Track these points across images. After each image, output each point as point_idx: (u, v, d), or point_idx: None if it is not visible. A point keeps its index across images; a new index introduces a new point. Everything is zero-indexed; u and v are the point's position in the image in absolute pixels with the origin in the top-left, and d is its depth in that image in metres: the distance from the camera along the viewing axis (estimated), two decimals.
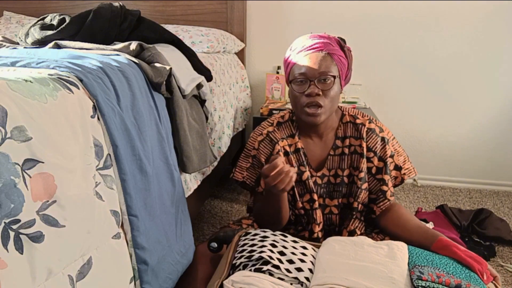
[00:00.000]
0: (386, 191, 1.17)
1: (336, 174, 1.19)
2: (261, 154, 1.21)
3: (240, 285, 0.80)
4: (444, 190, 2.33)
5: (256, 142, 1.22)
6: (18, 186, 0.56)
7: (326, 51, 1.10)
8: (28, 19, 2.29)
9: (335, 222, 1.22)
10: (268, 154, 1.20)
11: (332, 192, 1.20)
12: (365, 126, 1.18)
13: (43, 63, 0.79)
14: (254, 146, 1.23)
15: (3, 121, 0.55)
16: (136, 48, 1.04)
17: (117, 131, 0.79)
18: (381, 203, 1.18)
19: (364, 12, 2.22)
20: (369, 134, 1.18)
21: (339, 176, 1.19)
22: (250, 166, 1.24)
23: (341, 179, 1.19)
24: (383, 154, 1.18)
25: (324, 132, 1.20)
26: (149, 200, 0.89)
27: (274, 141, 1.20)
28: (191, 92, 1.26)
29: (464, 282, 0.82)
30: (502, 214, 1.99)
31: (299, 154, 1.19)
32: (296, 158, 1.19)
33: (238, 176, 1.25)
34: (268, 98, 2.31)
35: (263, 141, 1.21)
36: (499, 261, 1.56)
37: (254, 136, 1.24)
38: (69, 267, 0.67)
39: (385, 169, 1.18)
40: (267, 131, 1.22)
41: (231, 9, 2.25)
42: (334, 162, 1.20)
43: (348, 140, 1.19)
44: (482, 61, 2.19)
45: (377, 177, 1.19)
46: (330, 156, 1.20)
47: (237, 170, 1.26)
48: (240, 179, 1.24)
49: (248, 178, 1.24)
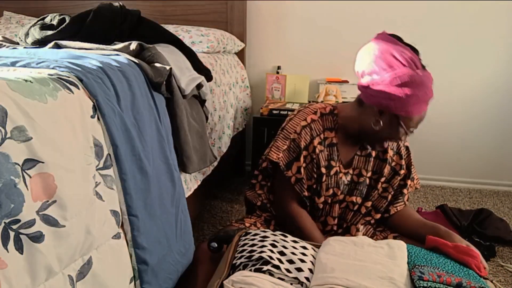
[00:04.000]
0: (405, 194, 1.25)
1: (360, 173, 1.23)
2: (301, 139, 1.19)
3: (240, 285, 0.80)
4: (444, 190, 2.33)
5: (298, 126, 1.20)
6: (18, 186, 0.56)
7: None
8: (28, 19, 2.29)
9: (347, 217, 1.25)
10: (308, 141, 1.19)
11: (353, 190, 1.23)
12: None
13: (43, 63, 0.79)
14: (295, 130, 1.20)
15: (3, 121, 0.55)
16: (136, 48, 1.04)
17: (117, 131, 0.79)
18: (397, 204, 1.25)
19: (364, 12, 2.22)
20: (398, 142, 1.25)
21: (362, 176, 1.23)
22: (287, 148, 1.20)
23: (364, 179, 1.23)
24: (408, 162, 1.27)
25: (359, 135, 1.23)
26: (149, 200, 0.89)
27: (314, 131, 1.20)
28: (191, 92, 1.26)
29: (464, 280, 0.83)
30: (502, 214, 1.99)
31: (333, 149, 1.21)
32: (328, 152, 1.21)
33: (273, 155, 1.20)
34: (268, 98, 2.31)
35: (305, 127, 1.20)
36: (499, 261, 1.56)
37: (296, 120, 1.21)
38: (69, 267, 0.67)
39: (408, 174, 1.26)
40: (311, 118, 1.21)
41: (231, 9, 2.24)
42: (360, 162, 1.24)
43: None
44: (482, 61, 2.19)
45: (401, 183, 1.26)
46: (356, 156, 1.24)
47: (273, 150, 1.21)
48: (275, 159, 1.20)
49: (282, 160, 1.20)
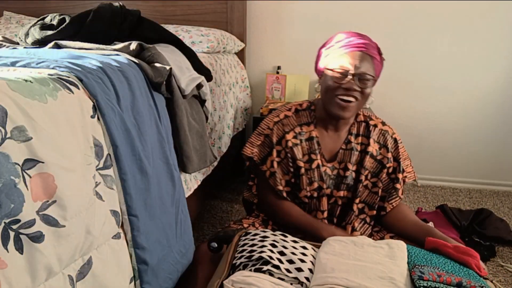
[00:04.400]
0: (398, 189, 1.24)
1: (345, 167, 1.23)
2: (274, 134, 1.24)
3: (240, 285, 0.80)
4: (444, 190, 2.33)
5: (271, 122, 1.26)
6: (18, 186, 0.56)
7: (369, 53, 1.14)
8: (28, 19, 2.29)
9: (335, 213, 1.25)
10: (280, 135, 1.24)
11: (339, 184, 1.23)
12: (378, 128, 1.25)
13: (43, 63, 0.79)
14: (269, 126, 1.26)
15: (3, 121, 0.55)
16: (136, 48, 1.04)
17: (117, 131, 0.79)
18: (392, 200, 1.24)
19: (364, 12, 2.22)
20: (385, 136, 1.25)
21: (348, 169, 1.23)
22: (261, 143, 1.26)
23: (349, 173, 1.23)
24: (396, 155, 1.25)
25: (341, 126, 1.24)
26: (149, 200, 0.89)
27: (287, 126, 1.23)
28: (191, 92, 1.26)
29: (464, 279, 0.83)
30: (502, 214, 1.99)
31: (312, 142, 1.23)
32: (308, 146, 1.23)
33: (247, 151, 1.27)
34: (268, 98, 2.31)
35: (278, 123, 1.25)
36: (499, 261, 1.56)
37: (270, 117, 1.27)
38: (69, 267, 0.67)
39: (398, 168, 1.24)
40: (285, 114, 1.26)
41: (231, 9, 2.24)
42: (345, 155, 1.24)
43: (360, 138, 1.25)
44: (483, 62, 2.19)
45: (391, 177, 1.25)
46: (341, 150, 1.24)
47: (248, 146, 1.28)
48: (249, 154, 1.26)
49: (257, 155, 1.26)
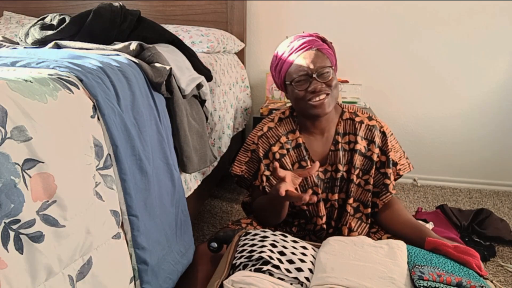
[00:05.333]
0: (388, 185, 1.22)
1: (337, 169, 1.22)
2: (259, 148, 1.24)
3: (240, 285, 0.80)
4: (444, 190, 2.33)
5: (255, 137, 1.26)
6: (18, 186, 0.56)
7: (315, 48, 1.14)
8: (28, 19, 2.29)
9: (333, 216, 1.25)
10: (266, 149, 1.24)
11: (333, 187, 1.23)
12: (364, 124, 1.23)
13: (43, 63, 0.79)
14: (253, 141, 1.26)
15: (3, 121, 0.55)
16: (136, 48, 1.04)
17: (117, 131, 0.79)
18: (383, 196, 1.22)
19: (364, 12, 2.22)
20: (372, 131, 1.22)
21: (339, 171, 1.22)
22: (249, 160, 1.27)
23: (341, 174, 1.22)
24: (385, 149, 1.23)
25: (326, 127, 1.23)
26: (149, 200, 0.89)
27: (271, 139, 1.23)
28: (191, 92, 1.26)
29: (464, 279, 0.83)
30: (502, 214, 1.99)
31: (300, 149, 1.22)
32: (297, 154, 1.22)
33: (236, 170, 1.28)
34: (268, 98, 2.31)
35: (262, 137, 1.25)
36: (499, 261, 1.56)
37: (254, 132, 1.28)
38: (69, 267, 0.67)
39: (387, 163, 1.22)
40: (268, 127, 1.26)
41: (231, 9, 2.24)
42: (336, 157, 1.22)
43: (347, 136, 1.23)
44: (483, 62, 2.19)
45: (381, 171, 1.23)
46: (331, 152, 1.23)
47: (236, 164, 1.29)
48: (239, 173, 1.27)
49: (246, 172, 1.27)
